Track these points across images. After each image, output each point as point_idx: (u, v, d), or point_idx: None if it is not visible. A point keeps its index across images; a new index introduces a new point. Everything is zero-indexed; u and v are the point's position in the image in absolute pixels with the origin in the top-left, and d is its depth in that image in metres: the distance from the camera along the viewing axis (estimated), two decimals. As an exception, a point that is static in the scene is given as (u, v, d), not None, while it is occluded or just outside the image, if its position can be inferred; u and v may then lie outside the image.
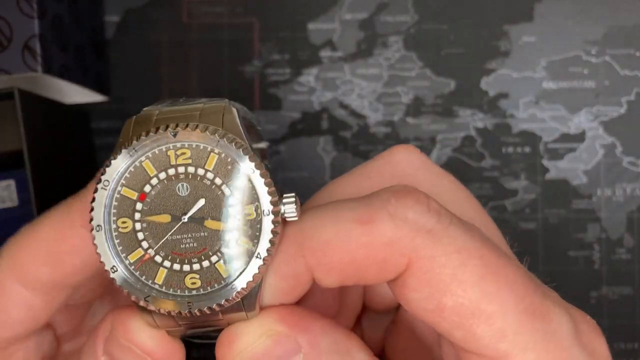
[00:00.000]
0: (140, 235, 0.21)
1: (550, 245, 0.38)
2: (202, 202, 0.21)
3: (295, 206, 0.21)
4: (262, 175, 0.21)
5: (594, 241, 0.38)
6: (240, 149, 0.21)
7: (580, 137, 0.38)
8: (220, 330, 0.22)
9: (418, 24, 0.39)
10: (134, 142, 0.21)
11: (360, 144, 0.39)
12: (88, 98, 0.39)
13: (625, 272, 0.38)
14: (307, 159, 0.39)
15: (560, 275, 0.38)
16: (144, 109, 0.22)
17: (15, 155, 0.35)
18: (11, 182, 0.36)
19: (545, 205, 0.38)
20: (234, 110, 0.23)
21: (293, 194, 0.21)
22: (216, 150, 0.21)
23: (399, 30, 0.39)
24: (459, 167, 0.39)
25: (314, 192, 0.39)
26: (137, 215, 0.21)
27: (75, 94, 0.38)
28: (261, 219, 0.21)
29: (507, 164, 0.39)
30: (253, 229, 0.21)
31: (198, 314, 0.21)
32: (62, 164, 0.36)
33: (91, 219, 0.21)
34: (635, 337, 0.38)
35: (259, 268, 0.21)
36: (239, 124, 0.22)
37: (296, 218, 0.21)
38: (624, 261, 0.38)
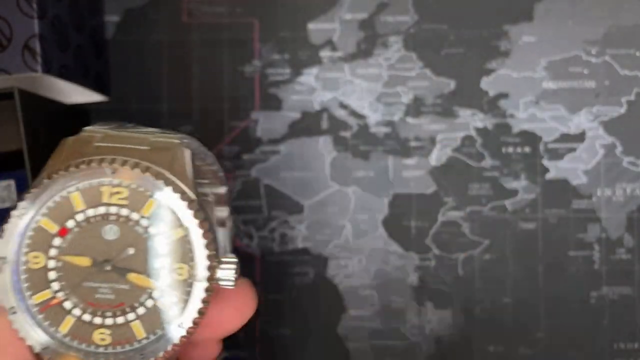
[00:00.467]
0: (52, 275, 0.19)
1: (550, 245, 0.38)
2: (130, 251, 0.19)
3: (234, 272, 0.19)
4: (203, 235, 0.18)
5: (594, 241, 0.38)
6: (185, 200, 0.19)
7: (580, 137, 0.38)
8: None
9: (418, 24, 0.39)
10: (62, 172, 0.19)
11: (360, 144, 0.39)
12: (88, 98, 0.39)
13: (625, 272, 0.38)
14: (307, 159, 0.39)
15: (560, 275, 0.38)
16: (86, 128, 0.20)
17: (15, 155, 0.35)
18: (11, 182, 0.36)
19: (545, 205, 0.38)
20: (187, 152, 0.20)
21: (234, 257, 0.19)
22: (155, 196, 0.19)
23: (399, 31, 0.39)
24: (459, 167, 0.39)
25: (314, 192, 0.39)
26: (53, 252, 0.19)
27: (75, 94, 0.38)
28: (192, 283, 0.18)
29: (507, 164, 0.39)
30: (181, 292, 0.18)
31: None
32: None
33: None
34: (636, 337, 0.38)
35: (180, 339, 0.18)
36: (189, 169, 0.19)
37: (232, 285, 0.19)
38: (624, 261, 0.38)
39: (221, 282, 0.19)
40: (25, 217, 0.18)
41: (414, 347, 0.39)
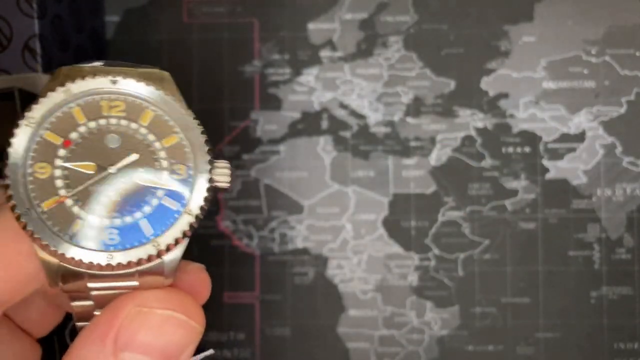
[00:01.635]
0: (59, 183, 0.20)
1: (550, 245, 0.38)
2: (134, 156, 0.20)
3: (229, 172, 0.21)
4: (202, 133, 0.21)
5: (593, 241, 0.38)
6: (180, 106, 0.21)
7: (580, 137, 0.38)
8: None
9: (418, 24, 0.39)
10: (69, 83, 0.20)
11: (360, 144, 0.39)
12: (88, 98, 0.39)
13: (625, 272, 0.38)
14: (307, 159, 0.39)
15: (560, 275, 0.38)
16: (74, 65, 0.21)
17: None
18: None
19: (545, 205, 0.38)
20: (172, 80, 0.22)
21: (227, 162, 0.21)
22: (152, 107, 0.21)
23: (399, 30, 0.39)
24: (459, 167, 0.39)
25: (314, 192, 0.39)
26: (58, 162, 0.20)
27: (75, 94, 0.38)
28: (194, 179, 0.20)
29: (507, 163, 0.39)
30: (182, 189, 0.20)
31: (116, 267, 0.19)
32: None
33: (7, 157, 0.20)
34: (636, 337, 0.38)
35: (189, 225, 0.20)
36: (179, 93, 0.22)
37: (227, 185, 0.21)
38: (624, 261, 0.38)
39: (218, 181, 0.20)
40: (28, 128, 0.20)
41: (413, 346, 0.39)
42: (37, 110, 0.20)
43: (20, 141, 0.20)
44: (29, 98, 0.33)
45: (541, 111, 0.39)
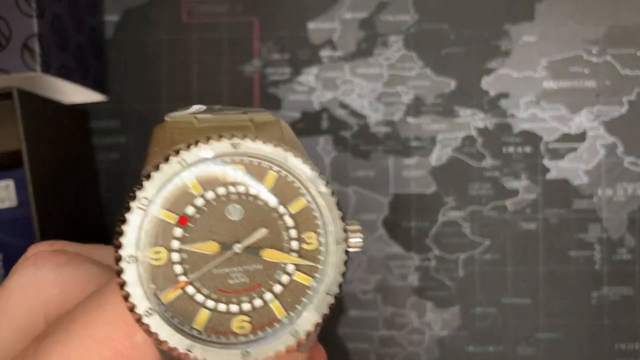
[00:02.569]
0: (178, 269, 0.17)
1: (551, 246, 0.38)
2: (263, 231, 0.17)
3: (361, 236, 0.18)
4: (332, 196, 0.18)
5: (594, 241, 0.38)
6: (308, 166, 0.18)
7: (581, 137, 0.38)
8: None
9: (418, 24, 0.39)
10: (183, 150, 0.17)
11: (360, 144, 0.39)
12: (87, 98, 0.38)
13: (626, 273, 0.38)
14: (307, 159, 0.39)
15: (560, 275, 0.38)
16: (171, 114, 0.19)
17: (14, 155, 0.35)
18: (10, 182, 0.36)
19: (546, 205, 0.38)
20: (286, 124, 0.19)
21: (357, 222, 0.18)
22: (275, 168, 0.18)
23: (399, 30, 0.39)
24: (459, 167, 0.39)
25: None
26: (175, 244, 0.17)
27: (74, 94, 0.38)
28: (327, 250, 0.18)
29: (508, 163, 0.38)
30: (315, 261, 0.18)
31: None
32: (61, 163, 0.36)
33: (119, 246, 0.17)
34: (636, 337, 0.38)
35: (329, 306, 0.17)
36: (297, 141, 0.19)
37: (361, 249, 0.18)
38: (624, 261, 0.38)
39: (351, 246, 0.18)
40: (141, 211, 0.17)
41: (414, 347, 0.38)
42: (150, 188, 0.17)
43: (132, 227, 0.17)
44: (28, 98, 0.33)
45: (542, 111, 0.38)
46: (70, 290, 0.20)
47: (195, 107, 0.19)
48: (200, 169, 0.17)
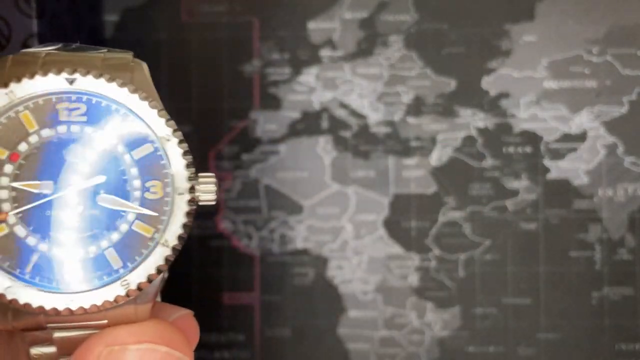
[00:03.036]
0: (6, 207, 0.16)
1: (551, 246, 0.38)
2: (100, 178, 0.17)
3: (214, 187, 0.17)
4: (179, 144, 0.17)
5: (595, 241, 0.38)
6: (155, 110, 0.17)
7: (581, 137, 0.38)
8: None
9: (418, 24, 0.39)
10: (13, 83, 0.16)
11: (360, 144, 0.39)
12: (87, 98, 0.38)
13: (626, 273, 0.38)
14: (307, 159, 0.39)
15: (561, 275, 0.38)
16: (24, 50, 0.18)
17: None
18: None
19: (546, 206, 0.38)
20: (145, 66, 0.18)
21: (212, 174, 0.17)
22: (121, 111, 0.17)
23: (399, 30, 0.39)
24: (459, 167, 0.39)
25: (314, 192, 0.39)
26: (4, 180, 0.16)
27: (74, 94, 0.37)
28: (172, 200, 0.17)
29: (508, 163, 0.38)
30: (158, 211, 0.17)
31: (80, 312, 0.16)
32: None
33: None
34: (637, 338, 0.38)
35: (165, 258, 0.17)
36: (151, 83, 0.18)
37: (214, 202, 0.17)
38: (625, 262, 0.38)
39: (201, 197, 0.17)
40: None
41: (414, 347, 0.38)
42: None
43: None
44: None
45: (542, 111, 0.38)
46: None
47: (51, 47, 0.18)
48: (39, 103, 0.16)
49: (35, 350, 0.17)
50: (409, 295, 0.38)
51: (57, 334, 0.17)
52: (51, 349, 0.17)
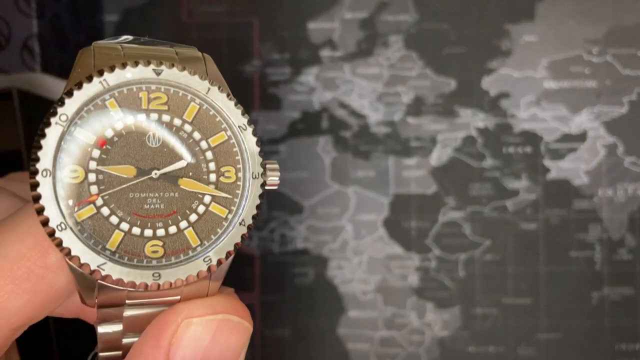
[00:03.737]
0: (94, 189, 0.17)
1: (552, 246, 0.38)
2: (181, 163, 0.18)
3: (278, 174, 0.19)
4: (253, 133, 0.18)
5: (595, 241, 0.38)
6: (232, 102, 0.18)
7: (581, 137, 0.38)
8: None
9: (419, 24, 0.39)
10: (107, 73, 0.17)
11: (360, 144, 0.39)
12: (87, 98, 0.38)
13: (626, 273, 0.38)
14: (307, 159, 0.39)
15: (561, 275, 0.38)
16: (99, 42, 0.19)
17: (13, 155, 0.35)
18: (10, 182, 0.36)
19: (547, 206, 0.38)
20: (212, 61, 0.19)
21: (276, 161, 0.19)
22: (197, 101, 0.18)
23: (399, 30, 0.39)
24: (459, 167, 0.39)
25: (314, 192, 0.39)
26: (92, 165, 0.17)
27: (74, 94, 0.37)
28: (244, 184, 0.18)
29: (508, 164, 0.38)
30: (232, 194, 0.18)
31: (166, 286, 0.17)
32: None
33: (36, 160, 0.17)
34: (637, 337, 0.38)
35: (242, 236, 0.18)
36: (221, 77, 0.19)
37: (277, 187, 0.19)
38: (625, 262, 0.38)
39: (269, 181, 0.19)
40: (60, 127, 0.17)
41: (414, 347, 0.38)
42: (71, 105, 0.17)
43: (50, 142, 0.17)
44: (28, 98, 0.33)
45: (542, 111, 0.38)
46: None
47: (123, 37, 0.19)
48: (124, 92, 0.17)
49: (103, 329, 0.18)
50: (409, 295, 0.38)
51: (127, 312, 0.18)
52: (118, 327, 0.18)
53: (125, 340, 0.19)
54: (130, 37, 0.19)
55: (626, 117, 0.38)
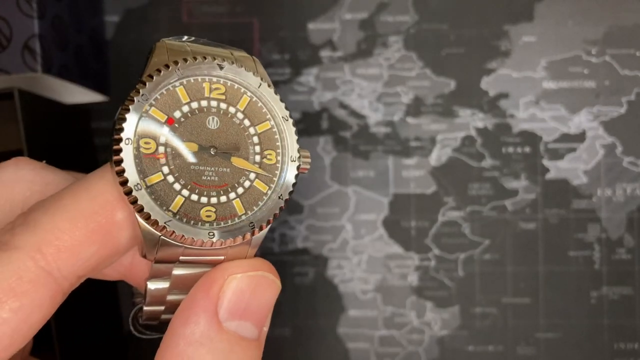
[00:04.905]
0: (162, 160, 0.20)
1: (551, 245, 0.38)
2: (233, 139, 0.21)
3: (310, 160, 0.22)
4: (293, 124, 0.22)
5: (594, 241, 0.38)
6: (278, 96, 0.22)
7: (580, 137, 0.38)
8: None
9: (418, 24, 0.39)
10: (181, 63, 0.21)
11: (360, 144, 0.39)
12: (88, 98, 0.39)
13: (625, 272, 0.38)
14: (307, 159, 0.39)
15: (560, 275, 0.38)
16: (165, 39, 0.22)
17: (14, 155, 0.35)
18: (11, 182, 0.36)
19: (546, 205, 0.38)
20: (259, 61, 0.23)
21: (308, 150, 0.23)
22: (249, 93, 0.22)
23: (399, 30, 0.39)
24: (459, 167, 0.39)
25: (314, 192, 0.39)
26: (162, 139, 0.20)
27: (75, 94, 0.38)
28: (282, 166, 0.22)
29: (508, 164, 0.39)
30: (272, 174, 0.21)
31: (218, 245, 0.20)
32: (62, 164, 0.36)
33: (120, 129, 0.20)
34: (636, 337, 0.38)
35: (280, 208, 0.21)
36: (266, 74, 0.23)
37: (307, 171, 0.22)
38: (624, 261, 0.38)
39: (302, 166, 0.22)
40: (140, 105, 0.20)
41: (414, 346, 0.38)
42: (150, 87, 0.20)
43: (133, 117, 0.20)
44: (29, 98, 0.33)
45: (541, 111, 0.39)
46: (50, 189, 0.22)
47: (185, 37, 0.23)
48: (191, 81, 0.21)
49: (152, 285, 0.22)
50: (409, 294, 0.39)
51: (176, 271, 0.21)
52: (165, 284, 0.22)
53: (169, 297, 0.22)
54: (192, 38, 0.23)
55: (625, 117, 0.38)
